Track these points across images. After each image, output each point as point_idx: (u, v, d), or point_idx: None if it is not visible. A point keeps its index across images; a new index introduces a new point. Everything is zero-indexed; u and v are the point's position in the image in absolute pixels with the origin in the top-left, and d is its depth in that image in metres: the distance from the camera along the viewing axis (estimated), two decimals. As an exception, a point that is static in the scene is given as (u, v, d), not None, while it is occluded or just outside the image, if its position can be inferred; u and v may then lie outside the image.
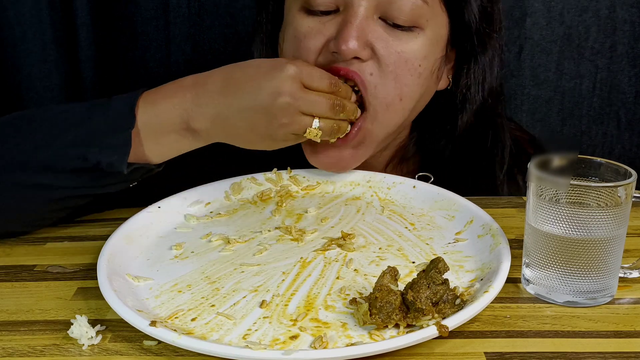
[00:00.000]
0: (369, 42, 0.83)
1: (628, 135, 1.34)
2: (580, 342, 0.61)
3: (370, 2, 0.83)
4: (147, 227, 0.80)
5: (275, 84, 0.76)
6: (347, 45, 0.81)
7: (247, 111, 0.77)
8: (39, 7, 1.19)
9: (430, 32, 0.86)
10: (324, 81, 0.79)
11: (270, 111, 0.76)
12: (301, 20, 0.86)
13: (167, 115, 0.78)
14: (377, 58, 0.84)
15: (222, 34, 1.23)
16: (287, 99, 0.76)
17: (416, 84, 0.86)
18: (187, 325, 0.63)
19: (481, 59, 0.92)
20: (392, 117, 0.87)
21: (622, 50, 1.30)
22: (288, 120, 0.77)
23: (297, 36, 0.86)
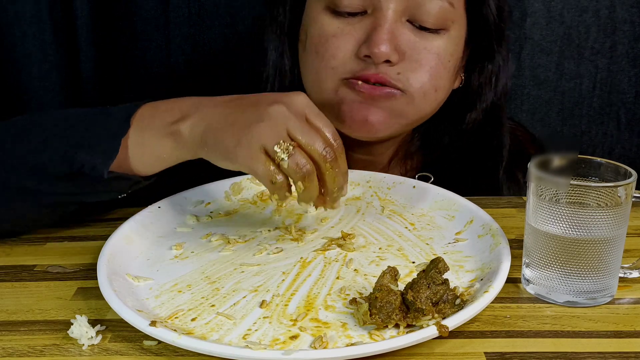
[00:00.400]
0: (398, 45, 0.85)
1: (628, 135, 1.34)
2: (580, 342, 0.61)
3: (398, 6, 0.84)
4: (147, 227, 0.80)
5: (279, 97, 0.71)
6: (379, 49, 0.83)
7: (238, 111, 0.71)
8: (39, 7, 1.19)
9: (454, 33, 0.88)
10: (328, 128, 0.71)
11: (259, 112, 0.69)
12: (328, 20, 0.87)
13: (162, 115, 0.74)
14: (407, 58, 0.85)
15: (222, 34, 1.23)
16: (282, 108, 0.69)
17: (447, 78, 0.89)
18: (187, 325, 0.63)
19: (497, 57, 0.94)
20: (427, 105, 0.89)
21: (622, 50, 1.30)
22: (270, 126, 0.68)
23: (324, 36, 0.87)
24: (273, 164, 0.68)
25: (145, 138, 0.74)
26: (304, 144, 0.68)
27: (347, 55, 0.86)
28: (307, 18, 0.91)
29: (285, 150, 0.68)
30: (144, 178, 0.77)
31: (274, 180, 0.68)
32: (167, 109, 0.75)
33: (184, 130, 0.72)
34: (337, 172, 0.71)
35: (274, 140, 0.68)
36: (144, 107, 0.76)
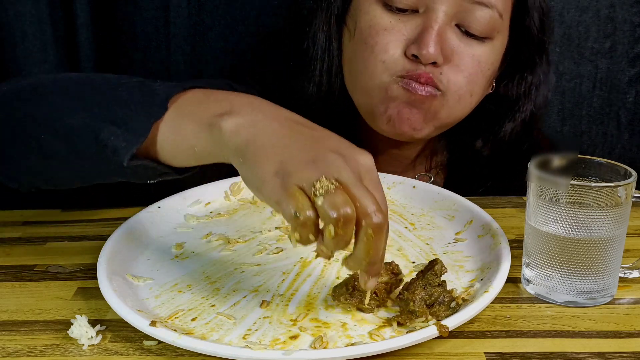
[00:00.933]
0: (445, 48, 0.86)
1: (628, 135, 1.33)
2: (580, 342, 0.61)
3: (450, 9, 0.85)
4: (147, 227, 0.80)
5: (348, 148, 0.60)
6: (427, 50, 0.84)
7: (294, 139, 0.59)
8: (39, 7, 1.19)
9: (498, 43, 0.90)
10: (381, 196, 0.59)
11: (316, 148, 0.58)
12: (379, 12, 0.88)
13: (210, 105, 0.65)
14: (451, 61, 0.87)
15: (222, 34, 1.23)
16: (341, 161, 0.57)
17: (483, 85, 0.91)
18: (187, 325, 0.63)
19: (537, 69, 0.95)
20: (460, 108, 0.91)
21: (622, 50, 1.30)
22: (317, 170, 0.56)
23: (375, 28, 0.88)
24: (306, 199, 0.55)
25: (181, 124, 0.65)
26: (349, 191, 0.56)
27: (398, 52, 0.87)
28: (357, 7, 0.92)
29: (325, 187, 0.55)
30: (175, 171, 0.69)
31: (299, 214, 0.55)
32: (218, 99, 0.66)
33: (227, 127, 0.61)
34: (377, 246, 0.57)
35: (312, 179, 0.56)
36: (193, 91, 0.68)
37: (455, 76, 0.87)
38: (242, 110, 0.62)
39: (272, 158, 0.58)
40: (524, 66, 0.95)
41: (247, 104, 0.64)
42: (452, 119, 0.92)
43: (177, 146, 0.66)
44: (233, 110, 0.62)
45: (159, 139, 0.66)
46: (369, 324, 0.63)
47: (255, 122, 0.61)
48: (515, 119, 0.97)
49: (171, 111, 0.66)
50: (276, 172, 0.57)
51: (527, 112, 0.97)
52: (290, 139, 0.59)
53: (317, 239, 0.57)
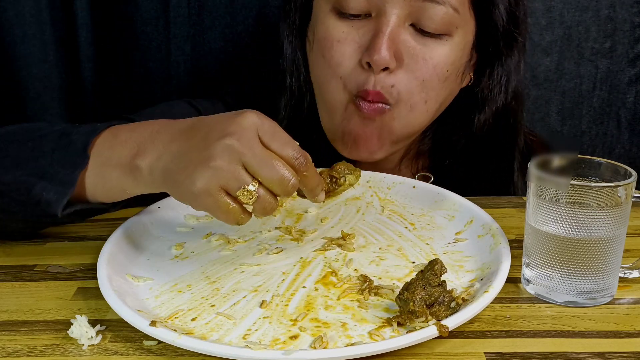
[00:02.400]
0: (398, 51, 0.85)
1: (628, 135, 1.34)
2: (580, 342, 0.61)
3: (402, 11, 0.84)
4: (147, 227, 0.80)
5: (228, 125, 0.65)
6: (379, 55, 0.83)
7: (191, 149, 0.65)
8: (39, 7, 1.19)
9: (458, 39, 0.88)
10: (286, 148, 0.65)
11: (211, 151, 0.63)
12: (333, 22, 0.88)
13: (119, 149, 0.70)
14: (404, 65, 0.86)
15: (222, 34, 1.23)
16: (233, 141, 0.63)
17: (442, 88, 0.89)
18: (187, 325, 0.63)
19: (507, 61, 0.93)
20: (415, 117, 0.89)
21: (622, 50, 1.30)
22: (222, 165, 0.63)
23: (330, 40, 0.88)
24: (238, 208, 0.64)
25: (105, 173, 0.70)
26: (264, 178, 0.63)
27: (352, 63, 0.87)
28: (314, 17, 0.92)
29: (249, 194, 0.63)
30: (110, 206, 0.75)
31: (240, 222, 0.65)
32: (125, 140, 0.71)
33: (143, 168, 0.68)
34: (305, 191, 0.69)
35: (234, 182, 0.63)
36: (105, 133, 0.72)
37: (406, 84, 0.86)
38: (145, 146, 0.68)
39: (184, 176, 0.64)
40: (492, 58, 0.93)
41: (147, 137, 0.69)
42: (410, 129, 0.91)
43: (108, 190, 0.72)
44: (139, 151, 0.68)
45: (88, 187, 0.71)
46: (369, 324, 0.63)
47: (159, 154, 0.67)
48: (485, 111, 0.95)
49: (92, 160, 0.71)
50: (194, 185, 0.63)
51: (499, 104, 0.94)
52: (188, 152, 0.65)
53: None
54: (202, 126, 0.67)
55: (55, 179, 0.70)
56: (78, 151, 0.71)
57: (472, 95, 0.95)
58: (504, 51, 0.92)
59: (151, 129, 0.70)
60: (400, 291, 0.63)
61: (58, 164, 0.71)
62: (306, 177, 0.66)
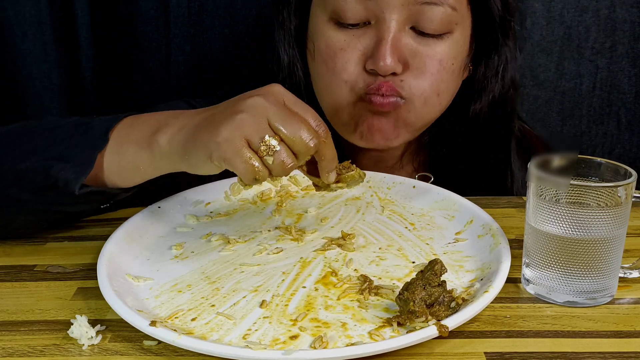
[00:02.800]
0: (402, 55, 0.86)
1: (628, 135, 1.34)
2: (580, 342, 0.61)
3: (401, 16, 0.85)
4: (147, 227, 0.80)
5: (256, 91, 0.69)
6: (385, 62, 0.84)
7: (216, 113, 0.69)
8: (39, 7, 1.19)
9: (459, 34, 0.88)
10: (308, 113, 0.69)
11: (237, 106, 0.67)
12: (333, 32, 0.88)
13: (140, 127, 0.73)
14: (410, 66, 0.86)
15: (222, 34, 1.23)
16: (260, 99, 0.67)
17: (451, 80, 0.90)
18: (187, 325, 0.63)
19: (503, 49, 0.94)
20: (429, 110, 0.90)
21: (622, 50, 1.30)
22: (248, 118, 0.65)
23: (332, 48, 0.88)
24: (257, 159, 0.66)
25: (122, 150, 0.72)
26: (286, 135, 0.66)
27: (358, 70, 0.87)
28: (312, 27, 0.92)
29: (270, 146, 0.66)
30: (123, 190, 0.76)
31: (258, 177, 0.66)
32: (145, 121, 0.74)
33: (162, 140, 0.70)
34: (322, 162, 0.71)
35: (257, 134, 0.65)
36: (125, 119, 0.75)
37: (417, 81, 0.87)
38: (168, 123, 0.71)
39: (206, 130, 0.67)
40: (489, 47, 0.94)
41: (170, 117, 0.72)
42: (425, 120, 0.92)
43: (123, 168, 0.73)
44: (161, 126, 0.71)
45: (105, 165, 0.73)
46: (369, 324, 0.63)
47: (181, 126, 0.70)
48: (481, 99, 0.95)
49: (112, 141, 0.73)
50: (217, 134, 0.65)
51: (495, 93, 0.95)
52: (214, 116, 0.68)
53: None
54: (229, 100, 0.70)
55: (73, 160, 0.72)
56: (98, 134, 0.73)
57: (468, 86, 0.96)
58: (500, 39, 0.93)
59: (174, 112, 0.73)
60: (400, 291, 0.63)
61: (76, 147, 0.73)
62: (325, 144, 0.69)
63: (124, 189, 0.76)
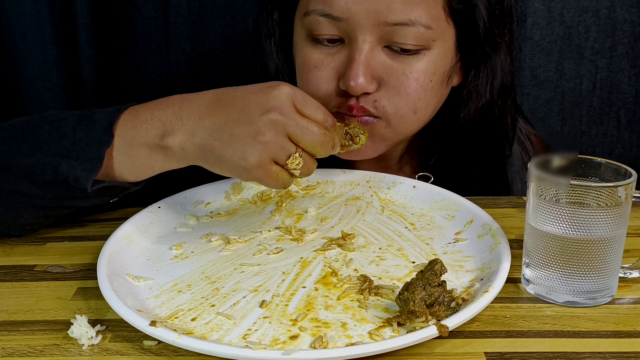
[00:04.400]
0: (375, 74, 0.84)
1: (628, 135, 1.34)
2: (580, 342, 0.61)
3: (373, 36, 0.83)
4: (147, 227, 0.80)
5: (267, 100, 0.71)
6: (355, 82, 0.83)
7: (231, 124, 0.71)
8: (39, 7, 1.19)
9: (437, 50, 0.86)
10: (318, 112, 0.73)
11: (257, 125, 0.70)
12: (309, 49, 0.88)
13: (144, 128, 0.73)
14: (384, 84, 0.85)
15: (222, 34, 1.23)
16: (277, 116, 0.70)
17: (430, 97, 0.87)
18: (187, 325, 0.63)
19: (492, 60, 0.92)
20: (406, 126, 0.88)
21: (622, 50, 1.30)
22: (271, 139, 0.70)
23: (307, 65, 0.88)
24: (286, 175, 0.73)
25: (133, 153, 0.73)
26: (307, 145, 0.72)
27: (330, 88, 0.86)
28: (294, 40, 0.92)
29: (296, 162, 0.72)
30: (133, 184, 0.77)
31: (287, 186, 0.74)
32: (147, 120, 0.74)
33: (175, 147, 0.72)
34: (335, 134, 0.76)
35: (283, 153, 0.71)
36: (125, 113, 0.75)
37: (391, 101, 0.85)
38: (173, 125, 0.72)
39: (231, 150, 0.70)
40: (476, 56, 0.91)
41: (171, 116, 0.73)
42: (403, 136, 0.90)
43: (137, 169, 0.75)
44: (167, 130, 0.72)
45: (116, 166, 0.74)
46: (369, 324, 0.63)
47: (191, 130, 0.72)
48: (470, 107, 0.93)
49: (117, 139, 0.73)
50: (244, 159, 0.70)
51: (483, 101, 0.93)
52: (227, 125, 0.71)
53: None
54: (234, 99, 0.72)
55: (81, 157, 0.73)
56: (103, 129, 0.73)
57: (458, 95, 0.94)
58: (488, 51, 0.91)
59: (172, 107, 0.73)
60: (400, 291, 0.63)
61: (82, 142, 0.74)
62: (336, 132, 0.76)
63: (134, 183, 0.77)
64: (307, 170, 0.74)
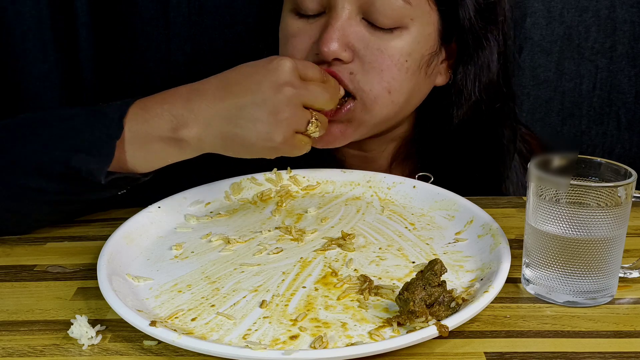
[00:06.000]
0: (350, 43, 0.84)
1: (628, 135, 1.34)
2: (580, 342, 0.61)
3: (352, 5, 0.84)
4: (147, 227, 0.80)
5: (276, 77, 0.74)
6: (328, 47, 0.83)
7: (248, 107, 0.73)
8: (39, 7, 1.19)
9: (416, 31, 0.86)
10: (316, 72, 0.78)
11: (274, 104, 0.73)
12: (291, 21, 0.89)
13: (155, 122, 0.75)
14: (359, 58, 0.85)
15: (222, 34, 1.23)
16: (291, 90, 0.74)
17: (404, 79, 0.87)
18: (187, 325, 0.63)
19: (479, 55, 0.91)
20: (381, 109, 0.87)
21: (622, 50, 1.30)
22: (291, 114, 0.74)
23: (287, 36, 0.89)
24: (309, 140, 0.78)
25: (147, 145, 0.75)
26: (320, 104, 0.77)
27: (304, 55, 0.87)
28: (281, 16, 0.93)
29: (315, 127, 0.77)
30: (143, 175, 0.79)
31: (308, 150, 0.78)
32: (157, 114, 0.75)
33: (190, 139, 0.74)
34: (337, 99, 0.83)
35: (303, 123, 0.76)
36: (133, 106, 0.76)
37: (366, 77, 0.85)
38: (185, 118, 0.74)
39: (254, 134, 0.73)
40: (464, 53, 0.91)
41: (181, 108, 0.74)
42: (379, 118, 0.88)
43: (150, 162, 0.77)
44: (179, 123, 0.74)
45: (129, 159, 0.76)
46: (369, 324, 0.63)
47: (205, 121, 0.74)
48: (461, 105, 0.93)
49: (128, 132, 0.75)
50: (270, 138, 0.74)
51: (473, 99, 0.92)
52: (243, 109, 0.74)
53: None
54: (242, 82, 0.75)
55: (93, 150, 0.74)
56: (113, 122, 0.75)
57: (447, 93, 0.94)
58: (474, 45, 0.90)
59: (181, 99, 0.75)
60: (400, 291, 0.63)
61: (93, 136, 0.75)
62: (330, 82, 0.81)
63: (145, 174, 0.79)
64: (324, 128, 0.79)
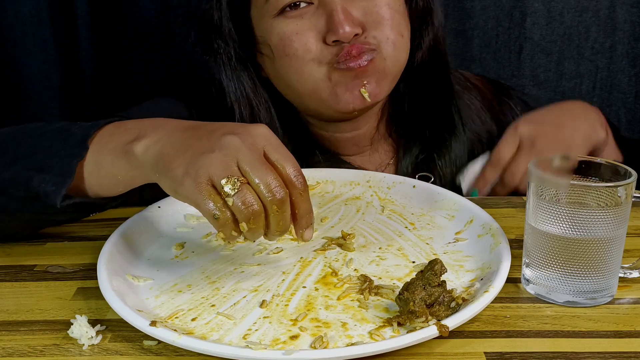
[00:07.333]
0: (356, 18, 0.89)
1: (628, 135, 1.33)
2: (580, 342, 0.61)
3: None
4: (147, 227, 0.80)
5: (236, 128, 0.66)
6: (344, 30, 0.87)
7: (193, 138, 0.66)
8: (39, 7, 1.19)
9: None
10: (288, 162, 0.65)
11: (211, 142, 0.64)
12: (283, 24, 0.90)
13: (121, 135, 0.71)
14: (369, 25, 0.90)
15: (222, 34, 1.22)
16: (235, 139, 0.64)
17: (404, 21, 0.94)
18: (187, 325, 0.63)
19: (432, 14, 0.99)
20: (399, 52, 0.93)
21: (622, 50, 1.30)
22: (218, 157, 0.63)
23: (287, 37, 0.90)
24: (219, 199, 0.62)
25: (99, 160, 0.71)
26: (251, 180, 0.62)
27: (319, 45, 0.89)
28: (261, 32, 0.93)
29: (233, 185, 0.62)
30: (109, 200, 0.75)
31: (216, 217, 0.62)
32: (127, 129, 0.72)
33: (137, 150, 0.68)
34: (285, 216, 0.64)
35: (222, 173, 0.62)
36: (106, 127, 0.73)
37: (379, 31, 0.90)
38: (147, 133, 0.69)
39: (179, 162, 0.64)
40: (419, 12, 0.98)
41: (151, 126, 0.70)
42: (400, 63, 0.95)
43: (101, 177, 0.72)
44: (140, 135, 0.69)
45: (85, 175, 0.72)
46: (369, 324, 0.63)
47: (159, 138, 0.68)
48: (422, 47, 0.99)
49: (91, 149, 0.71)
50: (186, 173, 0.63)
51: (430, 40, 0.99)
52: (191, 140, 0.66)
53: (239, 234, 0.64)
54: (210, 124, 0.69)
55: (53, 170, 0.71)
56: (77, 142, 0.72)
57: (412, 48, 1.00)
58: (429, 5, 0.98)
59: (155, 120, 0.72)
60: (400, 291, 0.63)
61: (56, 156, 0.72)
62: (301, 197, 0.65)
63: (110, 199, 0.75)
64: (244, 204, 0.62)
